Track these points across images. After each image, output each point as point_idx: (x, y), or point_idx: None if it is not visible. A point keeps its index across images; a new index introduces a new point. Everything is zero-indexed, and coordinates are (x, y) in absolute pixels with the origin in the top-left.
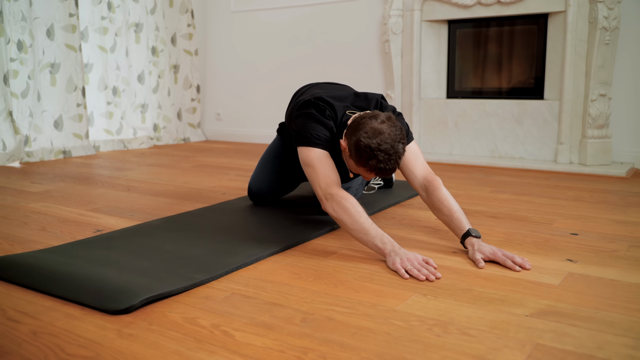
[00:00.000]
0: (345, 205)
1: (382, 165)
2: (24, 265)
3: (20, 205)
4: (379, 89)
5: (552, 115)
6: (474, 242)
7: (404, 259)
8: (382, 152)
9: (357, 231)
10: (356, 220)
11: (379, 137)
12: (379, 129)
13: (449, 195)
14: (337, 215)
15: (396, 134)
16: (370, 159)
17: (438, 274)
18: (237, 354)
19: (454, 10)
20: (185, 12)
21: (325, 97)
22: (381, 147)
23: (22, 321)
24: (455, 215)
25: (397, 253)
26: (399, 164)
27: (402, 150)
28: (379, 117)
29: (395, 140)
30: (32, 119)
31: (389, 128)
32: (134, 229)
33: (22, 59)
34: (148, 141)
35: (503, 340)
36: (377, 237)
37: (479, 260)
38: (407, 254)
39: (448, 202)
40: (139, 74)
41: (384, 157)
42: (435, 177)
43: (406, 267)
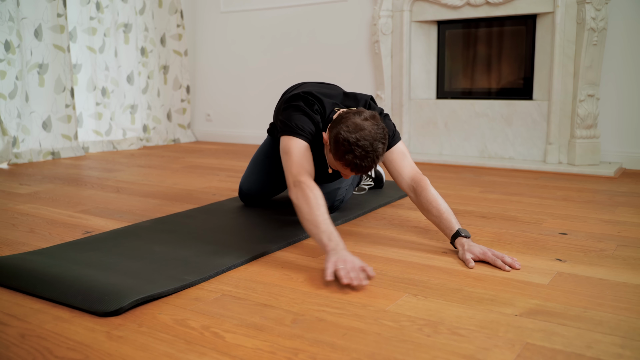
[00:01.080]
0: (307, 194)
1: (357, 161)
2: (12, 268)
3: (9, 206)
4: (369, 89)
5: (541, 116)
6: (464, 242)
7: (340, 259)
8: (360, 147)
9: (310, 222)
10: (313, 211)
11: (358, 133)
12: (360, 124)
13: (437, 195)
14: (298, 203)
15: (377, 133)
16: (347, 153)
17: (365, 282)
18: (228, 355)
19: (443, 11)
20: (175, 12)
21: (315, 92)
22: (359, 143)
23: (10, 324)
24: (444, 215)
25: (337, 252)
26: (376, 163)
27: (381, 150)
28: (362, 114)
29: (376, 138)
30: (20, 120)
31: (371, 126)
32: (123, 230)
33: (9, 59)
34: (138, 142)
35: (493, 339)
36: (325, 233)
37: (469, 260)
38: (346, 256)
39: (437, 203)
40: (128, 74)
41: (361, 153)
42: (423, 178)
43: (337, 267)
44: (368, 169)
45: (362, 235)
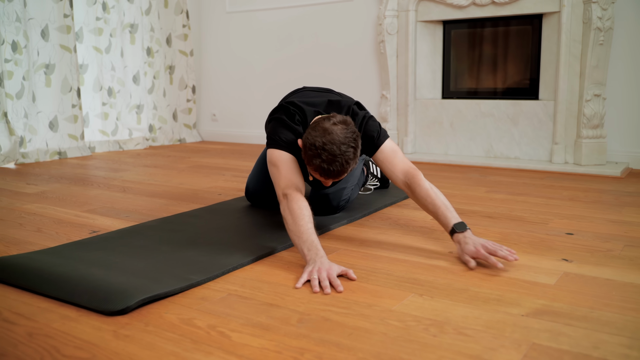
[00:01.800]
0: (292, 206)
1: (325, 165)
2: (20, 267)
3: (16, 206)
4: (374, 89)
5: (547, 116)
6: (460, 239)
7: (315, 269)
8: (327, 152)
9: (293, 232)
10: (296, 222)
11: (326, 137)
12: (328, 129)
13: (431, 189)
14: (284, 215)
15: (347, 137)
16: (315, 158)
17: (339, 289)
18: (234, 354)
19: (448, 10)
20: (180, 12)
21: (297, 102)
22: (326, 147)
23: (17, 322)
24: (439, 211)
25: (314, 262)
26: (345, 167)
27: (351, 154)
28: (332, 119)
29: (344, 142)
30: (27, 120)
31: (340, 130)
32: (129, 230)
33: (16, 59)
34: (144, 142)
35: (499, 340)
36: (305, 243)
37: (469, 261)
38: (323, 264)
39: (431, 198)
40: (134, 74)
41: (328, 157)
42: (415, 173)
43: (311, 276)
44: (338, 174)
45: (368, 236)
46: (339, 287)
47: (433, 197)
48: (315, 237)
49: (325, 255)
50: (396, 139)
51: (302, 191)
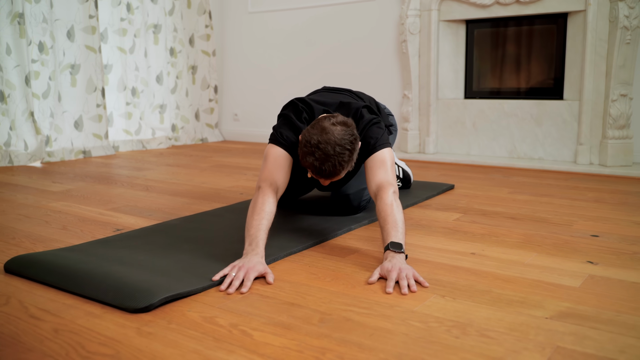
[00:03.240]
0: (258, 200)
1: (317, 164)
2: (46, 264)
3: (42, 204)
4: (396, 89)
5: (571, 116)
6: (387, 256)
7: (239, 265)
8: (321, 151)
9: (247, 224)
10: (253, 216)
11: (322, 136)
12: (327, 128)
13: (390, 205)
14: (250, 206)
15: (343, 138)
16: (308, 156)
17: (244, 289)
18: (256, 353)
19: (472, 10)
20: (203, 13)
21: (308, 99)
22: (320, 146)
23: (43, 319)
24: (387, 226)
25: (245, 257)
26: (337, 169)
27: (346, 155)
28: (333, 118)
29: (339, 144)
30: (53, 120)
31: (339, 131)
32: (152, 228)
33: (43, 60)
34: (166, 141)
35: (522, 342)
36: (249, 237)
37: (373, 274)
38: (250, 263)
39: (385, 213)
40: (157, 74)
41: (321, 156)
42: (386, 187)
43: (230, 272)
44: (330, 174)
45: None
46: (243, 288)
47: (388, 212)
48: (262, 234)
49: (260, 254)
50: (418, 139)
51: (277, 189)
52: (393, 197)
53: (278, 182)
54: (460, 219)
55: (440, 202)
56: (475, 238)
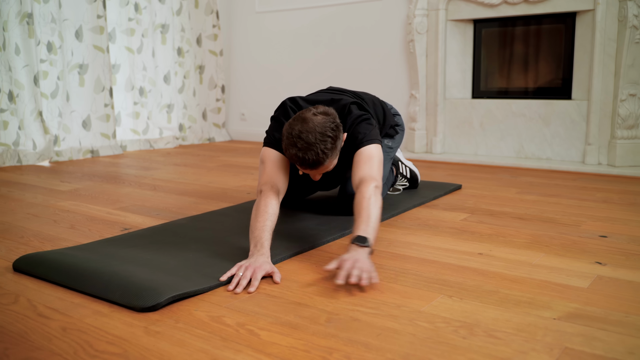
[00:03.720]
0: (260, 203)
1: (300, 154)
2: (54, 262)
3: (50, 203)
4: (403, 88)
5: (580, 116)
6: (350, 248)
7: (245, 265)
8: (302, 140)
9: (251, 226)
10: (257, 218)
11: (303, 126)
12: (307, 118)
13: (367, 199)
14: (253, 209)
15: (325, 126)
16: (291, 147)
17: (251, 289)
18: (263, 352)
19: (479, 9)
20: (211, 13)
21: (299, 99)
22: (302, 135)
23: (52, 317)
24: (359, 219)
25: (251, 257)
26: (321, 157)
27: (329, 142)
28: (314, 109)
29: (321, 132)
30: (61, 119)
31: (319, 120)
32: (160, 227)
33: (51, 60)
34: (174, 141)
35: (530, 343)
36: (255, 239)
37: (330, 263)
38: (255, 263)
39: (360, 205)
40: (165, 74)
41: (303, 146)
42: (368, 180)
43: (237, 272)
44: (314, 164)
45: (397, 236)
46: (250, 288)
47: (363, 205)
48: (267, 235)
49: (266, 255)
50: (425, 139)
51: (279, 191)
52: (372, 192)
53: (278, 184)
54: (468, 219)
55: (447, 202)
56: (483, 238)
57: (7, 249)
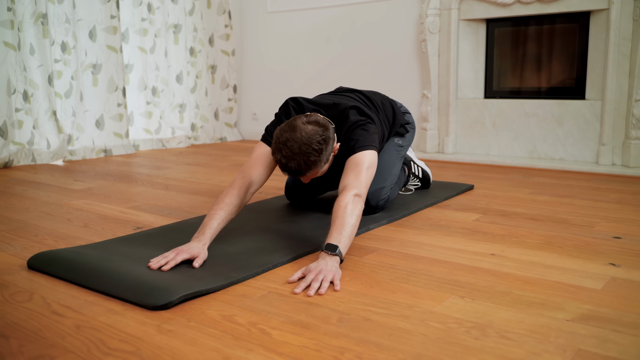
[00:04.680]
0: (225, 191)
1: (284, 161)
2: (68, 261)
3: (64, 202)
4: (415, 88)
5: (593, 116)
6: (320, 256)
7: (177, 249)
8: (288, 148)
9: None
10: (214, 205)
11: (290, 134)
12: (297, 126)
13: (345, 207)
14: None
15: (312, 138)
16: (276, 152)
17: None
18: (274, 352)
19: (492, 8)
20: (223, 13)
21: (302, 99)
22: (288, 144)
23: (66, 315)
24: (333, 226)
25: (188, 244)
26: (303, 167)
27: (312, 155)
28: (307, 117)
29: (307, 143)
30: (75, 119)
31: (309, 130)
32: (172, 226)
33: (65, 60)
34: (186, 140)
35: (543, 344)
36: (201, 225)
37: (295, 273)
38: (183, 247)
39: (336, 215)
40: (177, 74)
41: (287, 154)
42: (350, 188)
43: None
44: (296, 172)
45: (408, 236)
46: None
47: (339, 213)
48: (213, 223)
49: (203, 241)
50: (437, 139)
51: (251, 184)
52: (351, 199)
53: (252, 177)
54: (480, 219)
55: (459, 202)
56: (495, 239)
57: (22, 247)
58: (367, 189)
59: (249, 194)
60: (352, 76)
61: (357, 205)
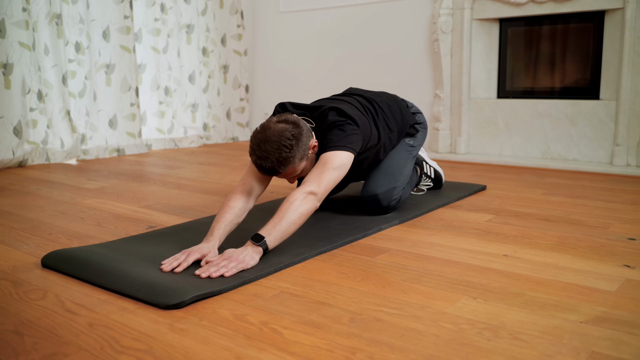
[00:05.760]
0: (229, 197)
1: (259, 161)
2: (81, 259)
3: (77, 201)
4: (427, 89)
5: (608, 116)
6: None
7: (188, 250)
8: (260, 149)
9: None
10: (220, 211)
11: (262, 134)
12: (269, 127)
13: (292, 202)
14: None
15: (282, 136)
16: (251, 154)
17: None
18: (286, 351)
19: (505, 8)
20: (235, 13)
21: (288, 104)
22: (260, 145)
23: (79, 313)
24: (273, 218)
25: (199, 244)
26: (277, 166)
27: (285, 150)
28: (279, 117)
29: (277, 141)
30: (89, 118)
31: (280, 129)
32: (184, 226)
33: (79, 60)
34: (198, 140)
35: (556, 346)
36: (210, 229)
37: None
38: (194, 248)
39: (280, 207)
40: (189, 74)
41: (261, 154)
42: (304, 186)
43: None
44: (271, 172)
45: (420, 236)
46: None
47: (284, 207)
48: (220, 225)
49: (212, 242)
50: (449, 139)
51: (251, 189)
52: (301, 196)
53: (252, 184)
54: (492, 220)
55: (471, 202)
56: (508, 240)
57: (36, 245)
58: (328, 188)
59: (252, 199)
60: (363, 76)
61: (306, 204)
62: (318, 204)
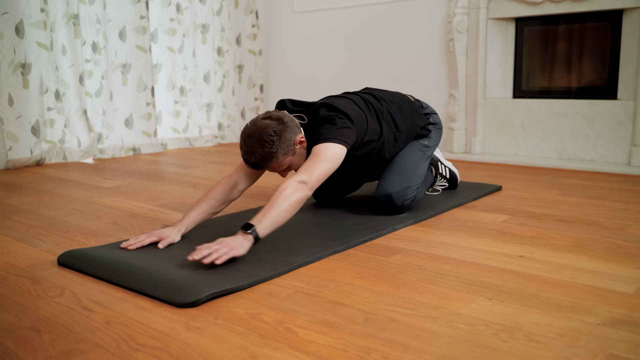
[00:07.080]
0: (212, 187)
1: (246, 156)
2: (98, 258)
3: (94, 199)
4: (442, 88)
5: (626, 116)
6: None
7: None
8: (246, 144)
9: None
10: (199, 199)
11: (248, 129)
12: (256, 123)
13: (283, 191)
14: None
15: (265, 132)
16: (240, 150)
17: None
18: (301, 351)
19: (521, 7)
20: (250, 12)
21: (287, 101)
22: (246, 140)
23: (96, 311)
24: (264, 207)
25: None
26: (263, 160)
27: (267, 145)
28: (266, 113)
29: (261, 137)
30: (105, 118)
31: (265, 125)
32: (199, 225)
33: (96, 59)
34: (213, 139)
35: (573, 348)
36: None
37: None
38: (156, 231)
39: (272, 196)
40: (205, 74)
41: (248, 149)
42: (296, 175)
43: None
44: (257, 166)
45: (435, 237)
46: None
47: (275, 196)
48: (192, 213)
49: (179, 227)
50: (464, 139)
51: (235, 184)
52: (292, 185)
53: (239, 177)
54: (508, 220)
55: (487, 203)
56: (524, 241)
57: (54, 243)
58: (320, 179)
59: (235, 192)
60: (377, 75)
61: (297, 192)
62: (310, 193)
